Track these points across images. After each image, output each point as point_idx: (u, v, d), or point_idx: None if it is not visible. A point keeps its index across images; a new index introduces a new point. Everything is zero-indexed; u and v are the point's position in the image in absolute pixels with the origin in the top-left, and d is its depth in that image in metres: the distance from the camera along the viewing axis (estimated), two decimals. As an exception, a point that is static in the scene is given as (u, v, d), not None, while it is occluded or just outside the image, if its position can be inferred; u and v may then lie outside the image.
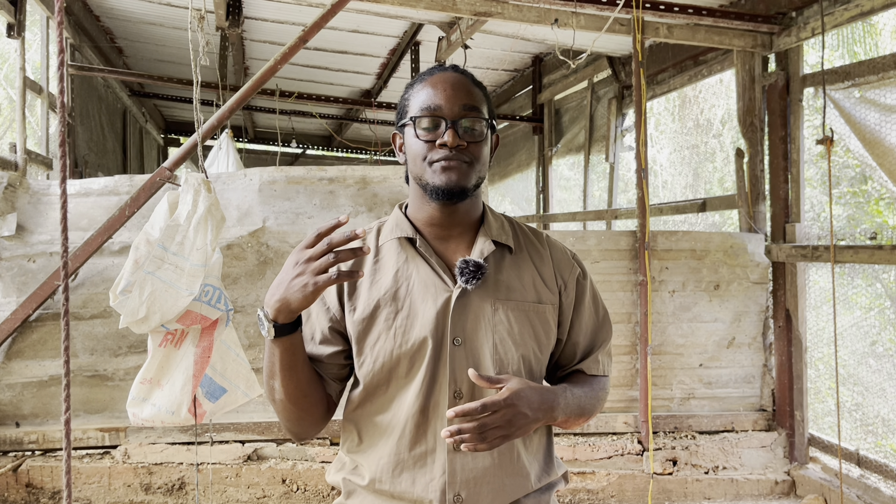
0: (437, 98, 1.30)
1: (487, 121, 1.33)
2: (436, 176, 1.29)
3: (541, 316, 1.36)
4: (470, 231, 1.38)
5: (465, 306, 1.31)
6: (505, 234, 1.40)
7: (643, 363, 3.82)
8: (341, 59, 6.43)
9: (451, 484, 1.27)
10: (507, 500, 1.31)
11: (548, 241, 1.45)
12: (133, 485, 3.48)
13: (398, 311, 1.31)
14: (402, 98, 1.38)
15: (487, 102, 1.36)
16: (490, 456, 1.29)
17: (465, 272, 1.29)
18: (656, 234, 3.99)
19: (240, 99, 3.26)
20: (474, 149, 1.30)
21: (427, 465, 1.29)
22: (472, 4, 3.77)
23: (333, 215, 3.77)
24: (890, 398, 3.97)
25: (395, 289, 1.33)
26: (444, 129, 1.28)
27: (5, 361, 3.52)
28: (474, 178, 1.31)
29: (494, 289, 1.33)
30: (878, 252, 3.31)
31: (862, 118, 3.44)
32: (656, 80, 5.40)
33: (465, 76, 1.35)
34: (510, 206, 8.61)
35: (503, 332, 1.31)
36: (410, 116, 1.32)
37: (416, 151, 1.31)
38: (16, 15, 4.16)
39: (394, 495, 1.31)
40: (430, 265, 1.34)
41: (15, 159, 4.12)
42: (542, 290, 1.37)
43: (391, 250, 1.37)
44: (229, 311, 2.64)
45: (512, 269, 1.37)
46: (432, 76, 1.34)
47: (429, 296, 1.31)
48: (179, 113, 9.42)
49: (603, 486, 3.71)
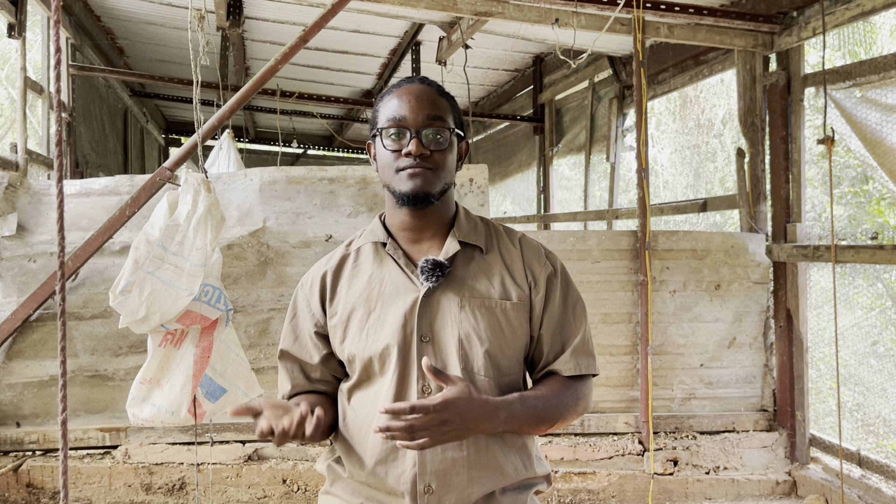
0: (402, 109, 1.37)
1: (452, 130, 1.39)
2: (402, 183, 1.36)
3: (508, 314, 1.40)
4: (441, 233, 1.45)
5: (431, 304, 1.38)
6: (476, 234, 1.46)
7: (644, 363, 3.82)
8: (342, 59, 6.43)
9: (420, 475, 1.33)
10: (479, 492, 1.35)
11: (521, 240, 1.50)
12: (134, 485, 3.48)
13: (371, 312, 1.39)
14: (374, 109, 1.46)
15: (454, 112, 1.43)
16: (460, 448, 1.34)
17: (424, 271, 1.37)
18: (657, 233, 3.99)
19: (240, 99, 3.26)
20: (438, 157, 1.37)
21: (399, 457, 1.35)
22: (472, 4, 3.77)
23: (334, 215, 3.77)
24: (891, 398, 3.97)
25: (368, 291, 1.41)
26: (409, 138, 1.35)
27: (6, 361, 3.52)
28: (440, 185, 1.39)
29: (461, 287, 1.39)
30: (880, 252, 3.31)
31: (863, 118, 3.43)
32: (657, 79, 5.39)
33: (430, 87, 1.42)
34: (511, 206, 8.61)
35: (469, 328, 1.37)
36: (379, 127, 1.40)
37: (385, 160, 1.39)
38: (16, 15, 4.17)
39: (371, 485, 1.38)
40: (400, 266, 1.41)
41: (16, 159, 4.12)
42: (510, 288, 1.42)
43: (368, 255, 1.46)
44: (229, 311, 2.64)
45: (480, 267, 1.43)
46: (399, 88, 1.41)
47: (399, 296, 1.39)
48: (180, 113, 9.43)
49: (604, 487, 3.71)
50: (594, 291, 3.92)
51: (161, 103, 8.66)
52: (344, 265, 1.47)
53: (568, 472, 3.69)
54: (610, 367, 3.94)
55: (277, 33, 5.71)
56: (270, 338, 3.70)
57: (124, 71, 6.60)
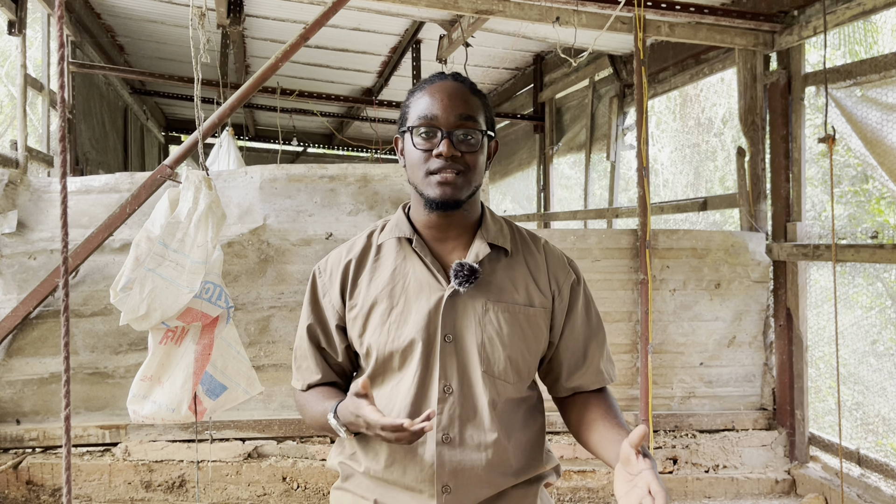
0: (434, 108, 1.34)
1: (483, 131, 1.37)
2: (431, 189, 1.34)
3: (531, 319, 1.39)
4: (467, 233, 1.42)
5: (456, 305, 1.36)
6: (503, 237, 1.44)
7: (644, 362, 3.82)
8: (342, 57, 6.43)
9: (439, 475, 1.32)
10: (494, 489, 1.36)
11: (545, 247, 1.48)
12: (133, 482, 3.48)
13: (393, 307, 1.37)
14: (404, 104, 1.43)
15: (485, 110, 1.41)
16: (478, 450, 1.33)
17: (459, 275, 1.34)
18: (657, 232, 3.99)
19: (241, 97, 3.26)
20: (469, 158, 1.35)
21: (417, 456, 1.34)
22: (473, 2, 3.77)
23: (334, 213, 3.77)
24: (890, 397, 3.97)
25: (391, 286, 1.38)
26: (440, 139, 1.33)
27: (6, 359, 3.52)
28: (469, 189, 1.36)
29: (487, 290, 1.37)
30: (879, 251, 3.31)
31: (863, 117, 3.43)
32: (658, 78, 5.39)
33: (463, 85, 1.39)
34: (511, 205, 8.61)
35: (492, 331, 1.35)
36: (409, 125, 1.37)
37: (414, 160, 1.36)
38: (17, 12, 4.16)
39: (387, 481, 1.37)
40: (426, 264, 1.39)
41: (16, 157, 4.12)
42: (534, 294, 1.40)
43: (391, 249, 1.43)
44: (230, 309, 2.64)
45: (506, 271, 1.41)
46: (432, 84, 1.38)
47: (423, 294, 1.36)
48: (180, 111, 9.42)
49: (603, 485, 3.71)
50: (594, 290, 3.91)
51: (161, 101, 8.65)
52: (366, 257, 1.44)
53: (567, 470, 3.69)
54: (610, 366, 3.94)
55: (278, 31, 5.71)
56: (270, 335, 3.70)
57: (124, 68, 6.59)
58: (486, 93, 8.89)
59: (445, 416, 1.33)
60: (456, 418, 1.33)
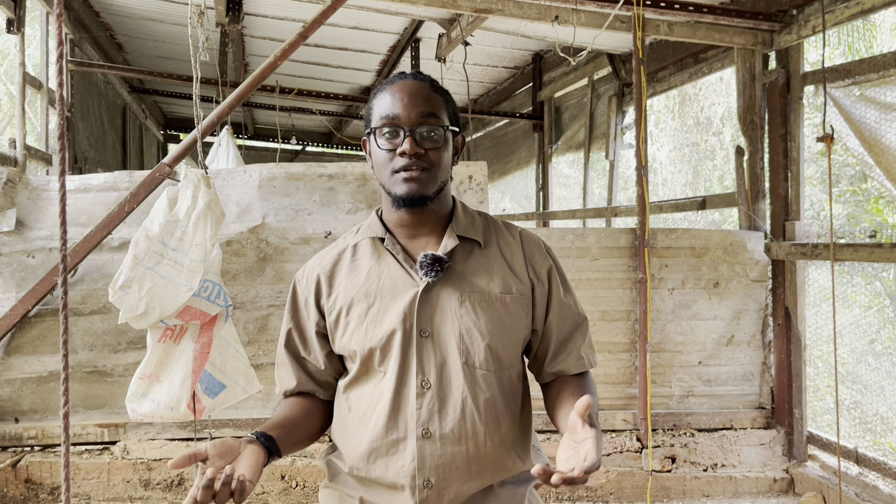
0: (395, 107, 1.36)
1: (446, 127, 1.38)
2: (398, 186, 1.36)
3: (509, 307, 1.40)
4: (439, 228, 1.44)
5: (431, 299, 1.37)
6: (473, 229, 1.45)
7: (642, 361, 3.82)
8: (341, 55, 6.42)
9: (420, 470, 1.33)
10: (478, 486, 1.36)
11: (521, 234, 1.50)
12: (132, 481, 3.49)
13: (370, 307, 1.39)
14: (367, 106, 1.45)
15: (447, 106, 1.41)
16: (459, 443, 1.34)
17: (424, 265, 1.36)
18: (656, 231, 3.99)
19: (239, 95, 3.25)
20: (433, 155, 1.36)
21: (399, 451, 1.35)
22: (472, 1, 3.77)
23: (333, 212, 3.77)
24: (888, 396, 3.98)
25: (367, 286, 1.41)
26: (403, 137, 1.34)
27: (4, 357, 3.52)
28: (435, 185, 1.38)
29: (461, 282, 1.39)
30: (878, 250, 3.31)
31: (861, 116, 3.43)
32: (657, 77, 5.39)
33: (423, 82, 1.40)
34: (510, 204, 8.61)
35: (469, 323, 1.36)
36: (372, 126, 1.39)
37: (380, 160, 1.38)
38: (15, 10, 4.16)
39: (371, 479, 1.38)
40: (399, 262, 1.41)
41: (14, 155, 4.12)
42: (511, 282, 1.42)
43: (366, 251, 1.45)
44: (228, 307, 2.64)
45: (480, 261, 1.42)
46: (392, 84, 1.39)
47: (398, 291, 1.38)
48: (179, 109, 9.41)
49: (602, 484, 3.72)
50: (593, 289, 3.92)
51: (160, 99, 8.65)
52: (341, 260, 1.47)
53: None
54: (608, 365, 3.95)
55: (277, 30, 5.71)
56: (269, 334, 3.70)
57: (123, 67, 6.58)
58: (484, 91, 8.85)
59: (424, 411, 1.34)
60: (435, 412, 1.34)
